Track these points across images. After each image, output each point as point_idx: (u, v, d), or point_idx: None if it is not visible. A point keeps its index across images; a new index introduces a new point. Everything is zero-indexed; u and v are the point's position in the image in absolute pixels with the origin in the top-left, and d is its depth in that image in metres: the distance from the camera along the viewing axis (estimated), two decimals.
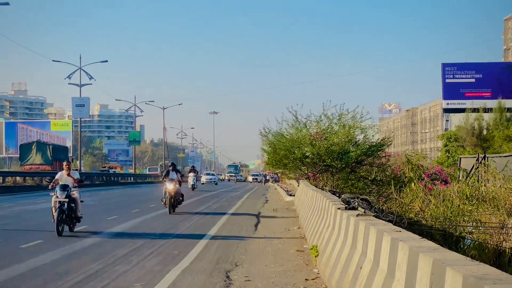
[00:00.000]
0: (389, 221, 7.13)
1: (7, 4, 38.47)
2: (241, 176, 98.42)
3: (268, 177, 75.53)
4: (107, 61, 61.41)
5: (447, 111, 63.60)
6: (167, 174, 19.98)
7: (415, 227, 8.68)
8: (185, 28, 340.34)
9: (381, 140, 22.56)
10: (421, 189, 12.84)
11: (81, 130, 64.40)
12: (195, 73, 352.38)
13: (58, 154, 53.80)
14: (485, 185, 12.92)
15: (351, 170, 21.78)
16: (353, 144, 21.83)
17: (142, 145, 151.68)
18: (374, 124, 25.64)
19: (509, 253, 8.38)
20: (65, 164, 13.82)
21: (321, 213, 11.20)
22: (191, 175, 41.11)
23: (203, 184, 59.91)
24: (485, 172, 15.48)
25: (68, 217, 13.09)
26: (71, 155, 73.06)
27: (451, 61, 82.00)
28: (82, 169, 66.00)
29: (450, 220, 10.12)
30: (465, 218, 10.22)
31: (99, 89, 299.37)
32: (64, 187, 13.05)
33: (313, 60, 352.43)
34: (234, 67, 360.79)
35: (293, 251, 11.51)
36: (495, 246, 8.63)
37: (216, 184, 61.05)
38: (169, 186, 19.32)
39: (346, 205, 8.52)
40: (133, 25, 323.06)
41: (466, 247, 8.96)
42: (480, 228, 9.48)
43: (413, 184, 14.31)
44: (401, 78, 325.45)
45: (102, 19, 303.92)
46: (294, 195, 29.15)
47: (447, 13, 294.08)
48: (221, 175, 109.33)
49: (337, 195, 12.61)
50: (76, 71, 58.32)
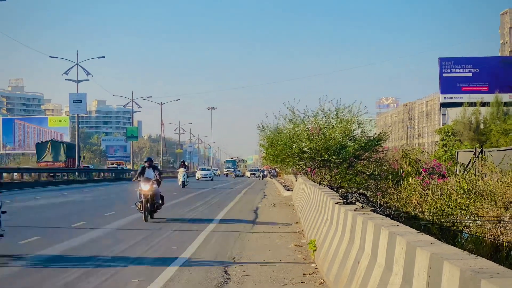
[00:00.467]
0: (386, 215, 7.15)
1: (4, 0, 38.41)
2: (239, 171, 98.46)
3: (266, 172, 75.60)
4: (104, 57, 61.08)
5: (444, 105, 63.54)
6: (142, 172, 16.34)
7: (412, 221, 8.70)
8: (182, 23, 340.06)
9: (379, 135, 22.60)
10: (419, 183, 12.86)
11: (79, 126, 64.43)
12: (193, 68, 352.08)
13: (71, 152, 58.57)
14: (482, 179, 12.94)
15: (349, 164, 21.81)
16: (350, 138, 21.85)
17: (140, 141, 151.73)
18: (372, 119, 25.63)
19: (506, 246, 8.40)
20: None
21: (319, 207, 11.22)
22: (181, 170, 37.44)
23: (198, 180, 57.72)
24: (482, 166, 15.49)
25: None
26: (83, 153, 74.74)
27: (449, 55, 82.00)
28: (90, 165, 66.72)
29: (448, 214, 10.14)
30: (462, 212, 10.23)
31: (96, 85, 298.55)
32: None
33: (310, 55, 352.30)
34: (232, 62, 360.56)
35: (291, 246, 11.53)
36: (492, 240, 8.65)
37: (212, 180, 59.01)
38: (144, 187, 15.66)
39: (344, 200, 8.54)
40: (129, 21, 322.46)
41: (463, 241, 8.97)
42: (478, 222, 9.51)
43: (410, 179, 14.31)
44: (398, 73, 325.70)
45: (98, 15, 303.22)
46: (292, 190, 29.17)
47: (444, 7, 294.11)
48: (217, 170, 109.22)
49: (335, 189, 12.62)
50: (73, 67, 58.24)
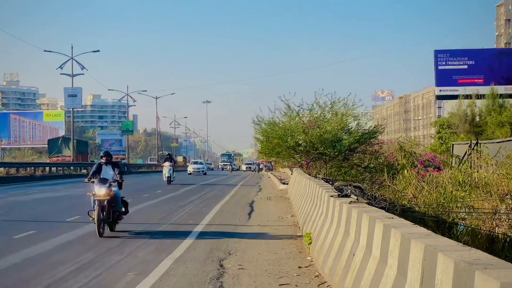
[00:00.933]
0: (381, 208, 7.14)
1: None
2: (234, 165, 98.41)
3: (262, 165, 75.60)
4: (99, 50, 60.60)
5: (440, 98, 63.56)
6: (98, 170, 12.15)
7: (408, 213, 8.70)
8: (177, 17, 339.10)
9: (374, 128, 22.59)
10: (414, 176, 12.84)
11: (74, 120, 64.18)
12: (188, 62, 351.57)
13: (80, 147, 64.56)
14: (477, 171, 12.93)
15: (344, 157, 21.81)
16: (346, 131, 21.81)
17: (135, 135, 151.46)
18: (367, 112, 25.63)
19: (501, 238, 8.41)
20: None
21: (314, 201, 11.22)
22: (166, 164, 33.41)
23: (190, 174, 54.55)
24: (477, 158, 15.47)
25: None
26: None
27: (444, 47, 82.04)
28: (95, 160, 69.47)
29: (443, 207, 10.13)
30: (458, 204, 10.22)
31: (91, 79, 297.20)
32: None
33: (305, 49, 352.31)
34: (227, 56, 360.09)
35: (287, 239, 11.53)
36: (488, 232, 8.66)
37: (205, 174, 55.56)
38: (99, 191, 11.60)
39: (339, 193, 8.53)
40: (124, 15, 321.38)
41: (459, 233, 8.98)
42: (473, 214, 9.50)
43: (406, 171, 14.30)
44: (394, 66, 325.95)
45: (94, 9, 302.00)
46: (287, 184, 29.17)
47: (440, 0, 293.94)
48: (211, 164, 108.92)
49: (330, 182, 12.62)
50: (68, 61, 57.89)
